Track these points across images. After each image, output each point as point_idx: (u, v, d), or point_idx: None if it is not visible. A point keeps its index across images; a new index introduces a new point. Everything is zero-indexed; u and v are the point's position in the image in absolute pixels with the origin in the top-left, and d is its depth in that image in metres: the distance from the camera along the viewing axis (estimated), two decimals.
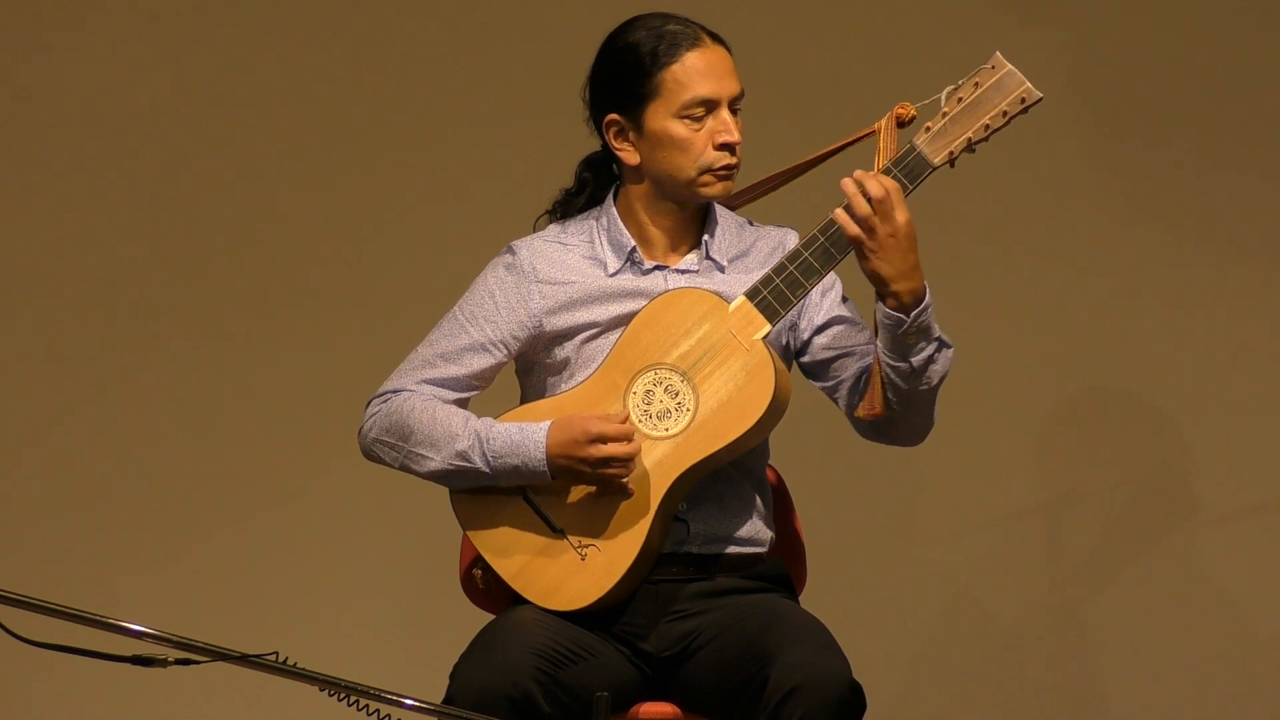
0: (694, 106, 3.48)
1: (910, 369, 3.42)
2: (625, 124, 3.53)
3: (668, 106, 3.49)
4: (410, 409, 3.52)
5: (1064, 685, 5.23)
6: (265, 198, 5.27)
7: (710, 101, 3.48)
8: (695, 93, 3.48)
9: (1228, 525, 5.24)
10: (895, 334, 3.40)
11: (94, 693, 5.16)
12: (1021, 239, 5.26)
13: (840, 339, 3.57)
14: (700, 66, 3.48)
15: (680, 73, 3.48)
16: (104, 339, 5.24)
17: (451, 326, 3.58)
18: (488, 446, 3.45)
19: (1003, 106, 3.43)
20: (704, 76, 3.48)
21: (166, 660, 2.78)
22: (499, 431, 3.46)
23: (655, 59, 3.48)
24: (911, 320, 3.39)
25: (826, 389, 3.58)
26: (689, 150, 3.50)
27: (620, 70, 3.52)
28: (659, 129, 3.50)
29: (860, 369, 3.54)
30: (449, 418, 3.50)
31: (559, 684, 3.36)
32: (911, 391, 3.44)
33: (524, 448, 3.44)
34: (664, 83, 3.49)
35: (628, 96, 3.51)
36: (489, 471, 3.46)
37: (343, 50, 5.28)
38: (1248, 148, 5.25)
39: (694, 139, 3.49)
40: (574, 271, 3.58)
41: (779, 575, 3.59)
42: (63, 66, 5.25)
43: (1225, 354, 5.24)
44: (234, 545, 5.23)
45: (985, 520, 5.26)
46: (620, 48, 3.53)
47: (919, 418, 3.49)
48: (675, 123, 3.49)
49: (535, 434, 3.43)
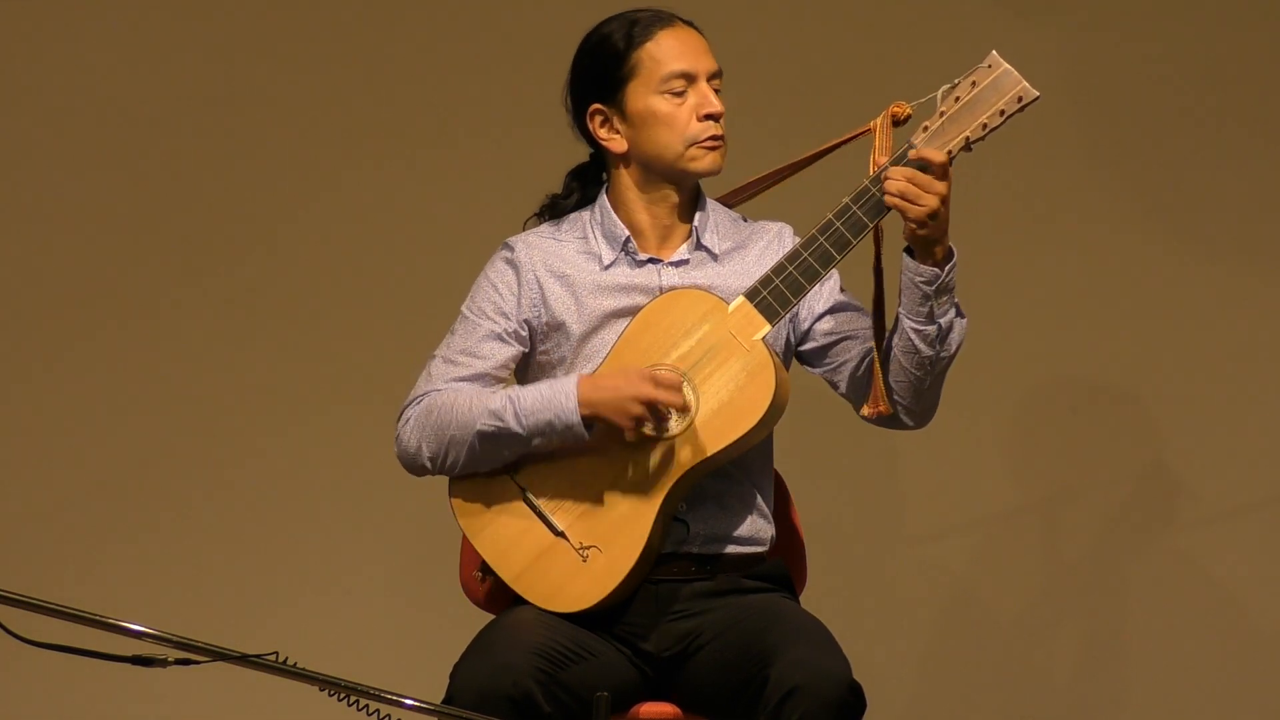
0: (673, 79, 3.51)
1: (939, 330, 3.43)
2: (608, 111, 3.55)
3: (647, 85, 3.51)
4: (442, 402, 3.51)
5: (1064, 684, 5.23)
6: (265, 198, 5.27)
7: (688, 74, 3.51)
8: (672, 67, 3.51)
9: (1225, 522, 5.24)
10: (928, 291, 3.41)
11: (94, 693, 5.16)
12: (1017, 237, 5.26)
13: (841, 324, 3.57)
14: (674, 43, 3.52)
15: (655, 50, 3.51)
16: (104, 339, 5.24)
17: (465, 325, 3.58)
18: (519, 405, 3.45)
19: (1000, 106, 3.42)
20: (679, 53, 3.51)
21: (166, 660, 2.79)
22: (529, 390, 3.47)
23: (629, 41, 3.52)
24: (945, 274, 3.42)
25: (827, 373, 3.59)
26: (673, 124, 3.51)
27: (596, 61, 3.54)
28: (641, 108, 3.52)
29: (862, 352, 3.54)
30: (480, 394, 3.51)
31: (559, 684, 3.36)
32: (934, 358, 3.45)
33: (554, 400, 3.43)
34: (641, 61, 3.51)
35: (607, 83, 3.53)
36: (522, 432, 3.45)
37: (343, 50, 5.28)
38: (1246, 147, 5.25)
39: (677, 113, 3.51)
40: (569, 265, 3.58)
41: (779, 575, 3.59)
42: (62, 66, 5.25)
43: (1222, 351, 5.24)
44: (234, 545, 5.23)
45: (983, 519, 5.27)
46: (593, 42, 3.56)
47: (931, 392, 3.50)
48: (657, 99, 3.51)
49: (565, 385, 3.44)
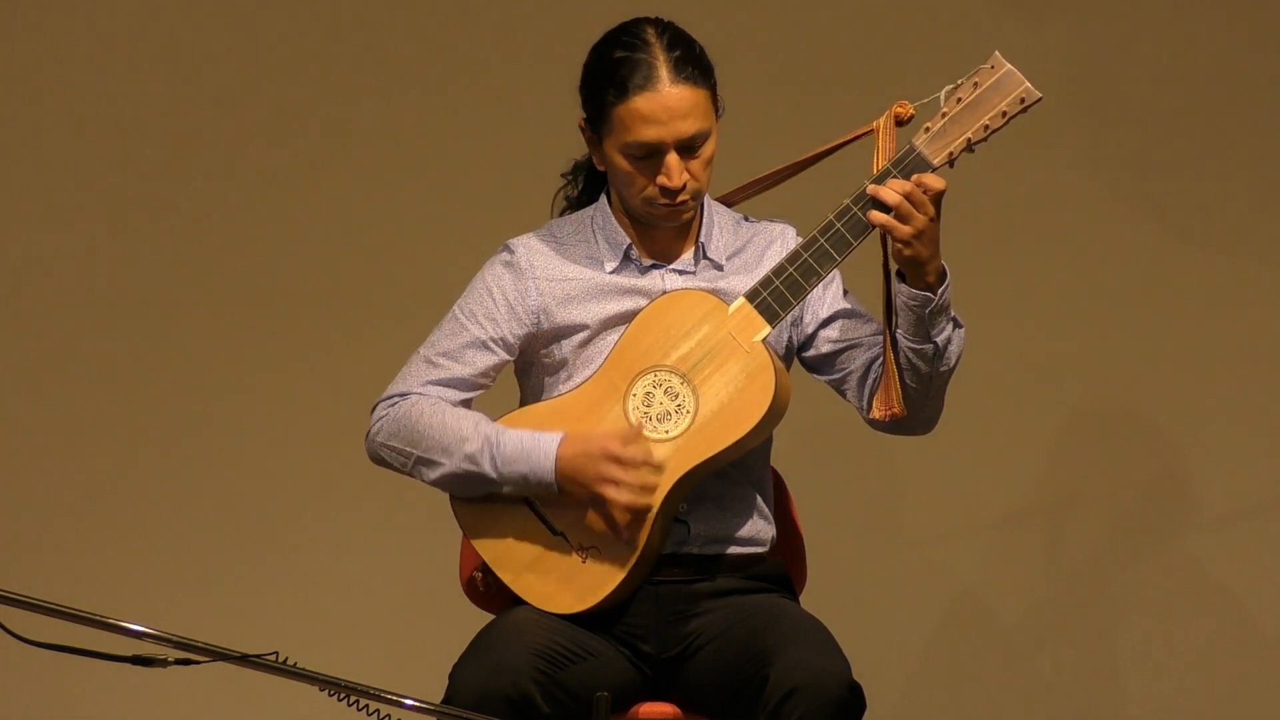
0: (633, 148, 3.46)
1: (935, 349, 3.42)
2: (591, 137, 3.54)
3: (614, 141, 3.48)
4: (419, 414, 3.50)
5: (1065, 687, 5.23)
6: (265, 198, 5.27)
7: (652, 147, 3.44)
8: (635, 137, 3.44)
9: (1229, 528, 5.24)
10: (921, 314, 3.40)
11: (94, 693, 5.16)
12: (1021, 240, 5.26)
13: (847, 331, 3.56)
14: (644, 111, 3.43)
15: (625, 114, 3.44)
16: (104, 339, 5.24)
17: (452, 326, 3.57)
18: (498, 451, 3.44)
19: (1002, 107, 3.41)
20: (646, 123, 3.43)
21: (166, 660, 2.78)
22: (510, 437, 3.44)
23: (610, 91, 3.45)
24: (939, 296, 3.40)
25: (833, 382, 3.58)
26: (631, 184, 3.49)
27: (590, 87, 3.52)
28: (610, 156, 3.50)
29: (868, 360, 3.54)
30: (459, 422, 3.48)
31: (558, 685, 3.35)
32: (933, 374, 3.44)
33: (534, 456, 3.42)
34: (613, 118, 3.46)
35: (592, 113, 3.52)
36: (496, 477, 3.44)
37: (343, 50, 5.27)
38: (1248, 147, 5.25)
39: (635, 176, 3.48)
40: (572, 269, 3.57)
41: (779, 575, 3.59)
42: (63, 66, 5.25)
43: (1227, 356, 5.24)
44: (234, 545, 5.23)
45: (985, 522, 5.26)
46: (595, 62, 3.51)
47: (934, 402, 3.50)
48: (619, 156, 3.48)
49: (547, 444, 3.42)
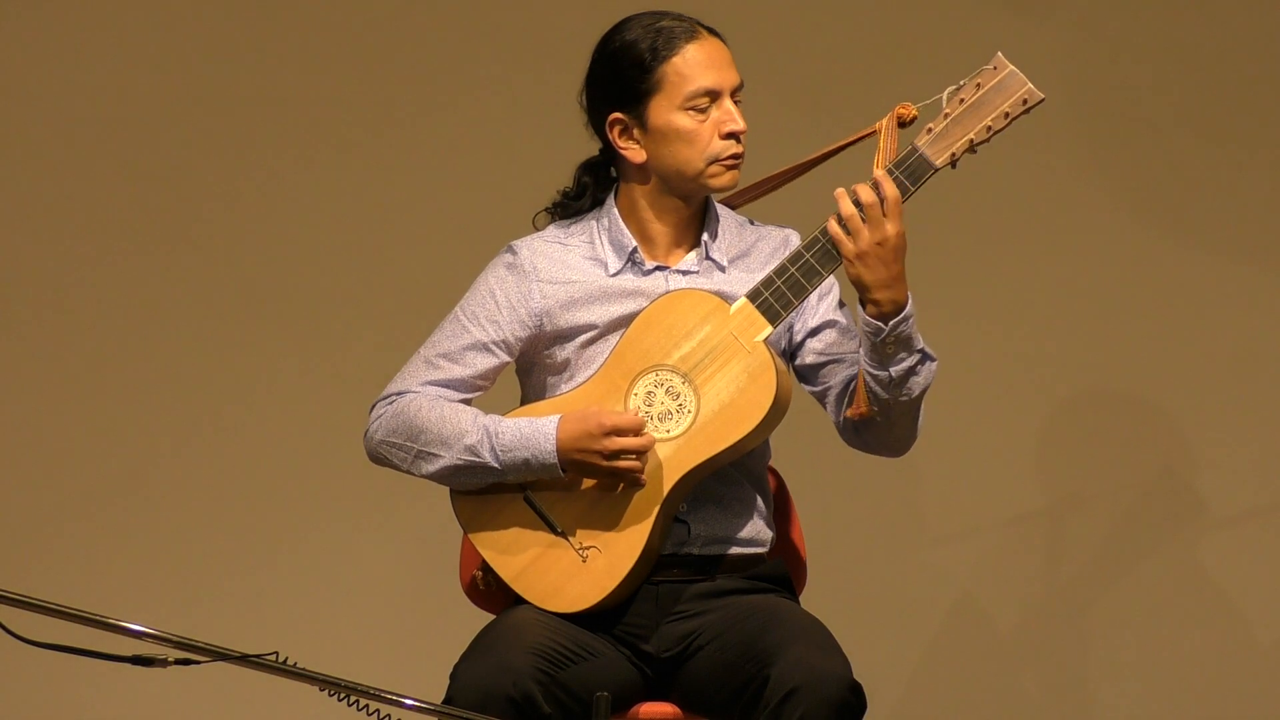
0: (698, 97, 3.48)
1: (889, 378, 3.41)
2: (629, 122, 3.52)
3: (671, 100, 3.49)
4: (417, 409, 3.51)
5: (1065, 688, 5.22)
6: (265, 198, 5.27)
7: (713, 91, 3.48)
8: (698, 84, 3.48)
9: (1232, 528, 5.23)
10: (874, 342, 3.40)
11: (94, 693, 5.16)
12: (1023, 240, 5.26)
13: (831, 346, 3.56)
14: (700, 58, 3.48)
15: (681, 65, 3.48)
16: (103, 338, 5.24)
17: (453, 327, 3.58)
18: (497, 441, 3.44)
19: (1004, 108, 3.41)
20: (705, 68, 3.48)
21: (166, 660, 2.78)
22: (508, 425, 3.45)
23: (655, 54, 3.48)
24: (889, 329, 3.39)
25: (815, 394, 3.59)
26: (695, 142, 3.49)
27: (619, 69, 3.51)
28: (664, 123, 3.50)
29: (848, 376, 3.54)
30: (457, 415, 3.49)
31: (559, 684, 3.35)
32: (891, 401, 3.43)
33: (534, 440, 3.43)
34: (665, 76, 3.48)
35: (629, 94, 3.50)
36: (498, 466, 3.45)
37: (344, 50, 5.27)
38: (1248, 147, 5.25)
39: (700, 130, 3.49)
40: (575, 271, 3.57)
41: (779, 575, 3.59)
42: (63, 67, 5.25)
43: (1228, 355, 5.23)
44: (234, 545, 5.22)
45: (987, 522, 5.26)
46: (617, 47, 3.52)
47: (899, 429, 3.48)
48: (680, 115, 3.49)
49: (545, 426, 3.43)
